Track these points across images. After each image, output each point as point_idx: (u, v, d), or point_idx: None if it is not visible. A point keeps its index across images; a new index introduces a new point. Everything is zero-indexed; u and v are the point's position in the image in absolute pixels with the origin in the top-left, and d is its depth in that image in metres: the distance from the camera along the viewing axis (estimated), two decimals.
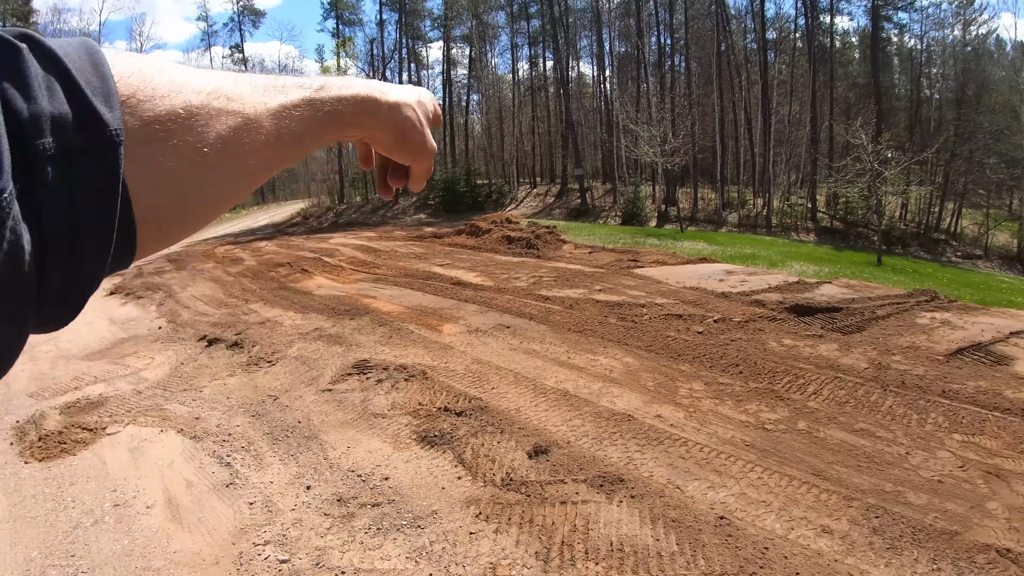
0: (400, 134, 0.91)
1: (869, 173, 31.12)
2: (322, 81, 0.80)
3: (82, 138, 0.49)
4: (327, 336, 8.99)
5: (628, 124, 45.12)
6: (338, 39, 63.14)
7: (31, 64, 0.48)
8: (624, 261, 15.57)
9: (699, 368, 7.35)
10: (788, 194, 52.79)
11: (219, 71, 0.70)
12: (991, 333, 9.17)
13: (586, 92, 64.70)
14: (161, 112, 0.58)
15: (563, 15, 59.02)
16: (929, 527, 4.31)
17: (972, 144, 48.09)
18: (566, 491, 4.75)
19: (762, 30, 55.89)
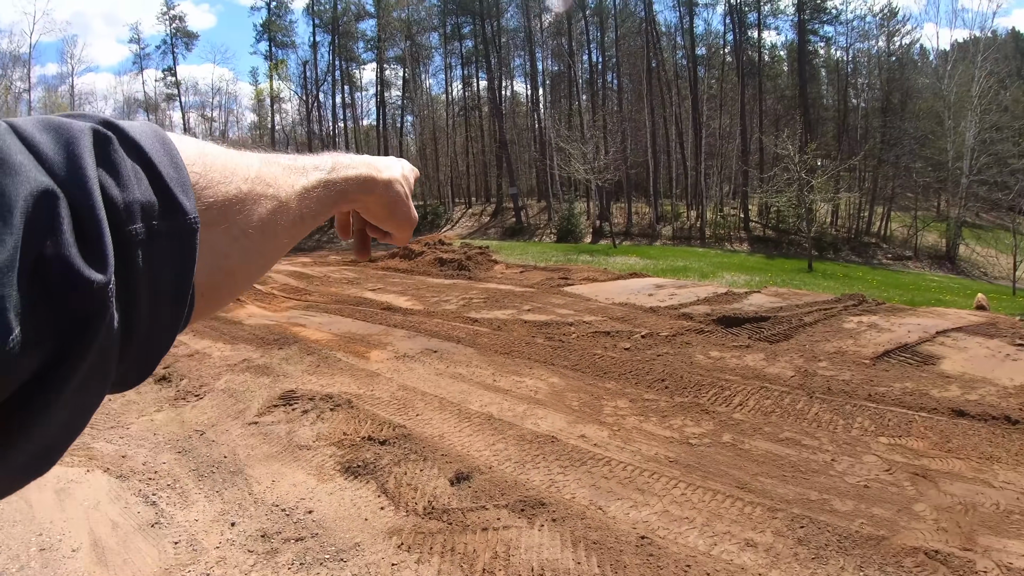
0: (391, 208, 1.01)
1: (797, 182, 31.63)
2: (332, 161, 0.87)
3: (165, 224, 0.52)
4: (255, 367, 8.83)
5: (559, 142, 45.34)
6: (271, 61, 62.64)
7: (120, 153, 0.51)
8: (555, 279, 15.60)
9: (625, 385, 7.35)
10: (721, 205, 53.63)
11: (255, 152, 0.75)
12: (918, 334, 9.33)
13: (520, 111, 64.95)
14: (219, 199, 0.63)
15: (495, 35, 59.33)
16: (855, 534, 4.34)
17: (898, 150, 49.38)
18: (488, 517, 4.69)
19: (692, 46, 56.86)
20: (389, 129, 65.43)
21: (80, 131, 0.49)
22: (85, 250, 0.44)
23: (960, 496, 4.84)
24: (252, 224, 0.67)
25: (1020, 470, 5.29)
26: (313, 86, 63.05)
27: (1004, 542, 4.24)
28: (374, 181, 0.95)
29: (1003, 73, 51.31)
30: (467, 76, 65.16)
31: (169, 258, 0.53)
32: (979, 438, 5.90)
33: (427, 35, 64.85)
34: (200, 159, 0.62)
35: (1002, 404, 6.68)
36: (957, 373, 7.84)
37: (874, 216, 52.80)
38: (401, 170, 1.05)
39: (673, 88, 56.85)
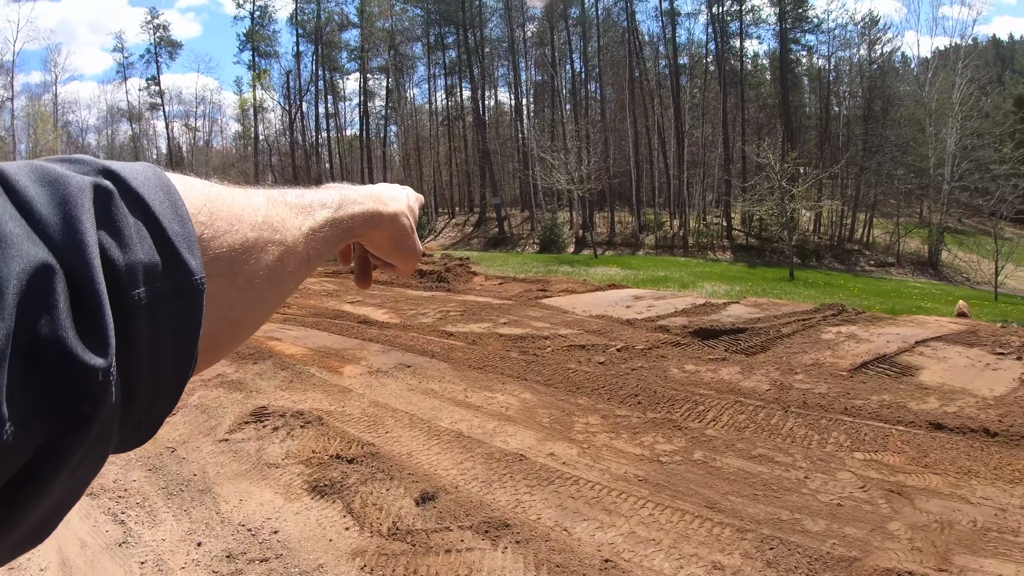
0: (396, 241, 1.00)
1: (778, 191, 31.76)
2: (339, 198, 0.85)
3: (169, 285, 0.50)
4: (229, 382, 8.69)
5: (540, 153, 45.46)
6: (254, 71, 62.56)
7: (122, 209, 0.48)
8: (533, 291, 15.53)
9: (597, 401, 7.26)
10: (704, 214, 53.92)
11: (261, 190, 0.73)
12: (897, 344, 9.28)
13: (503, 121, 65.15)
14: (224, 250, 0.60)
15: (479, 45, 59.61)
16: (827, 555, 4.23)
17: (880, 157, 49.89)
18: (451, 539, 4.59)
19: (674, 56, 57.34)
20: (373, 139, 65.51)
21: (79, 189, 0.46)
22: (84, 330, 0.41)
23: (936, 513, 4.75)
24: (259, 273, 0.65)
25: (998, 485, 5.21)
26: (296, 96, 63.14)
27: (981, 561, 4.15)
28: (380, 216, 0.94)
29: (984, 80, 52.07)
30: (450, 86, 65.45)
31: (173, 321, 0.50)
32: (957, 452, 5.82)
33: (410, 45, 65.21)
34: (206, 206, 0.59)
35: (981, 416, 6.61)
36: (936, 384, 7.78)
37: (856, 223, 53.34)
38: (406, 201, 1.05)
39: (656, 97, 57.27)
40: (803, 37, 58.64)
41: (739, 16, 57.23)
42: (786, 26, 56.76)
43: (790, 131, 53.32)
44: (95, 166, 0.50)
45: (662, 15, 58.58)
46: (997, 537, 4.42)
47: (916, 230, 51.83)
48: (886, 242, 51.98)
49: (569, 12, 59.24)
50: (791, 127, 54.46)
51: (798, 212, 36.72)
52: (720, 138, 55.44)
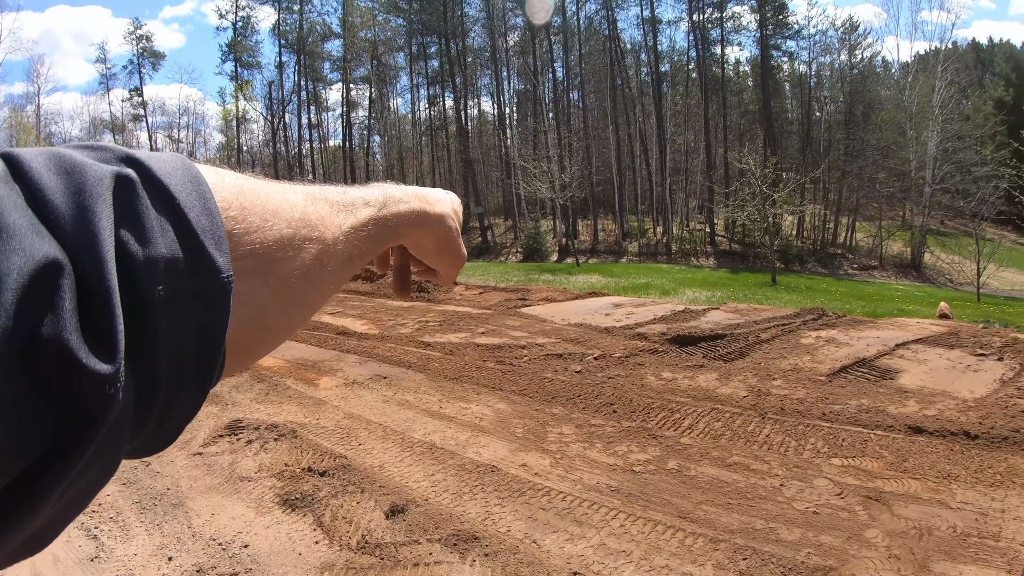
0: (442, 243, 0.95)
1: (759, 196, 31.88)
2: (383, 195, 0.81)
3: (193, 283, 0.47)
4: None
5: (521, 162, 45.58)
6: (237, 82, 62.46)
7: (144, 201, 0.45)
8: (513, 300, 15.52)
9: (572, 410, 7.20)
10: (687, 221, 54.18)
11: (299, 185, 0.69)
12: (877, 347, 9.27)
13: (486, 130, 65.30)
14: (257, 246, 0.57)
15: (461, 55, 59.76)
16: (801, 565, 4.16)
17: (862, 161, 50.37)
18: (420, 552, 4.52)
19: (656, 63, 57.71)
20: (356, 149, 65.48)
21: (97, 179, 0.43)
22: (90, 333, 0.38)
23: (915, 520, 4.69)
24: (294, 273, 0.61)
25: (979, 488, 5.16)
26: (279, 106, 63.02)
27: (960, 568, 4.09)
28: (427, 216, 0.90)
29: (964, 83, 52.63)
30: (433, 96, 65.55)
31: (196, 322, 0.47)
32: (937, 456, 5.78)
33: (393, 55, 65.27)
34: (237, 200, 0.56)
35: (961, 419, 6.57)
36: (916, 387, 7.75)
37: (839, 227, 53.80)
38: (451, 204, 1.00)
39: (638, 105, 57.62)
40: (784, 43, 59.25)
41: (720, 23, 57.65)
42: (767, 32, 57.21)
43: (772, 137, 53.66)
44: (118, 153, 0.47)
45: (643, 23, 58.95)
46: (977, 543, 4.37)
47: (898, 233, 52.20)
48: (869, 245, 52.34)
49: (551, 21, 59.43)
50: (773, 133, 54.80)
51: (780, 217, 36.92)
52: (702, 145, 55.78)
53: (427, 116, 66.07)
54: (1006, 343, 9.49)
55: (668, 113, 55.18)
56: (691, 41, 58.63)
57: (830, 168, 52.26)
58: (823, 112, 58.43)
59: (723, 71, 58.97)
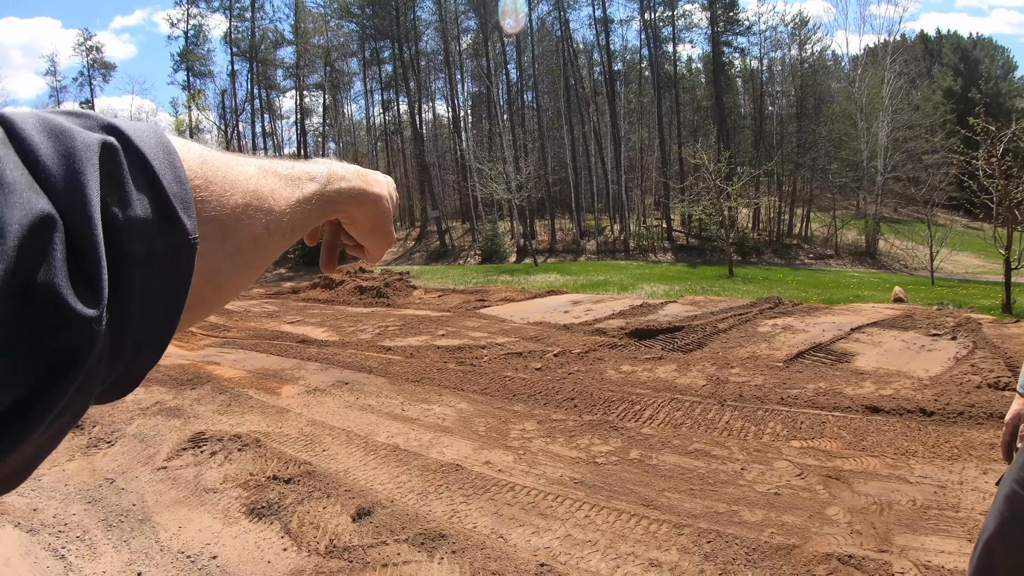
0: (376, 221, 1.00)
1: (713, 190, 32.13)
2: (327, 172, 0.85)
3: (164, 242, 0.51)
4: (167, 409, 8.54)
5: (476, 164, 45.52)
6: (189, 91, 61.54)
7: (125, 168, 0.49)
8: (472, 302, 15.59)
9: (533, 407, 7.26)
10: (644, 217, 54.45)
11: (253, 159, 0.73)
12: (832, 332, 9.40)
13: (442, 133, 65.09)
14: (217, 214, 0.61)
15: (414, 59, 59.45)
16: (765, 545, 4.24)
17: (814, 153, 50.89)
18: (388, 553, 4.54)
19: (608, 62, 57.87)
20: (311, 156, 64.81)
21: (85, 144, 0.47)
22: (79, 280, 0.43)
23: (875, 495, 4.80)
24: (246, 239, 0.66)
25: (936, 463, 5.28)
26: (233, 115, 62.17)
27: (921, 539, 4.19)
28: (365, 194, 0.94)
29: (913, 74, 53.46)
30: (387, 101, 65.15)
31: (165, 278, 0.52)
32: (894, 433, 5.91)
33: (346, 60, 64.71)
34: (202, 169, 0.61)
35: (917, 396, 6.72)
36: (871, 369, 7.89)
37: (794, 218, 54.38)
38: (387, 187, 1.04)
39: (591, 104, 57.74)
40: (735, 40, 59.66)
41: (671, 21, 57.92)
42: (718, 30, 57.63)
43: (725, 132, 54.03)
44: (100, 121, 0.51)
45: (595, 23, 59.08)
46: (937, 514, 4.48)
47: (853, 222, 52.89)
48: (824, 235, 52.97)
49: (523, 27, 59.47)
50: (726, 128, 55.20)
51: (735, 210, 37.20)
52: (656, 141, 56.05)
53: (382, 121, 65.71)
54: (959, 323, 9.68)
55: (622, 111, 55.38)
56: (643, 40, 58.85)
57: (783, 161, 52.88)
58: (775, 106, 58.97)
59: (675, 68, 59.32)
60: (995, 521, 2.45)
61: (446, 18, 58.90)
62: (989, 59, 66.01)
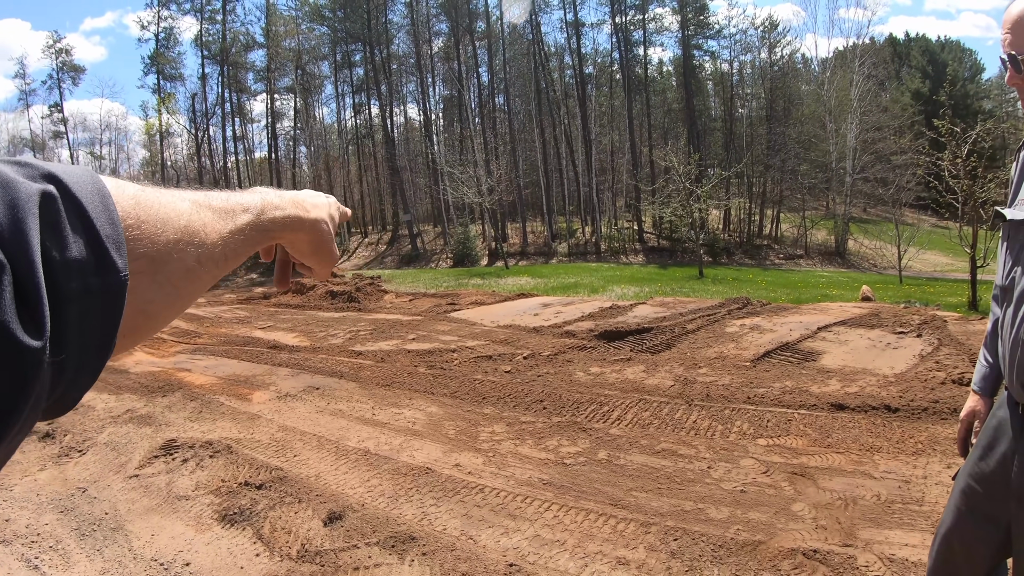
0: (314, 246, 1.06)
1: (683, 192, 32.30)
2: (262, 203, 0.90)
3: (98, 280, 0.55)
4: (138, 417, 8.50)
5: (447, 167, 45.44)
6: (160, 95, 60.73)
7: (62, 214, 0.54)
8: (442, 306, 15.60)
9: (503, 409, 7.31)
10: (615, 219, 54.60)
11: (189, 193, 0.78)
12: (799, 331, 9.49)
13: (413, 137, 64.88)
14: (148, 251, 0.66)
15: (385, 62, 59.21)
16: (731, 541, 4.30)
17: (784, 154, 51.22)
18: (359, 556, 4.57)
19: (580, 66, 58.03)
20: (282, 160, 64.44)
21: (27, 195, 0.51)
22: (24, 317, 0.47)
23: (840, 491, 4.87)
24: (177, 272, 0.70)
25: (901, 458, 5.38)
26: (203, 119, 61.43)
27: (886, 533, 4.28)
28: (301, 221, 0.99)
29: (882, 76, 54.07)
30: (359, 104, 64.81)
31: (100, 312, 0.56)
32: (859, 430, 6.00)
33: (317, 64, 64.33)
34: (135, 210, 0.65)
35: (882, 393, 6.82)
36: (837, 367, 7.99)
37: (765, 219, 54.78)
38: (328, 210, 1.10)
39: (563, 107, 57.83)
40: (705, 43, 60.05)
41: (642, 25, 58.13)
42: (688, 33, 57.93)
43: (695, 134, 54.38)
44: (40, 170, 0.55)
45: (567, 26, 59.18)
46: (901, 508, 4.57)
47: (822, 222, 53.39)
48: (794, 235, 53.39)
49: (475, 27, 59.40)
50: (696, 130, 55.54)
51: (706, 211, 37.44)
52: (627, 144, 56.23)
53: (353, 124, 65.33)
54: (925, 320, 9.81)
55: (593, 114, 55.52)
56: (614, 43, 59.01)
57: (753, 162, 53.25)
58: (745, 108, 59.32)
59: (646, 71, 59.55)
60: (952, 515, 2.53)
61: (417, 21, 58.74)
62: (957, 61, 66.79)
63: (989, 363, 2.61)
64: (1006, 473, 2.30)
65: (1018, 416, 2.29)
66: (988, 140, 19.20)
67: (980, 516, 2.43)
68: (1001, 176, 18.06)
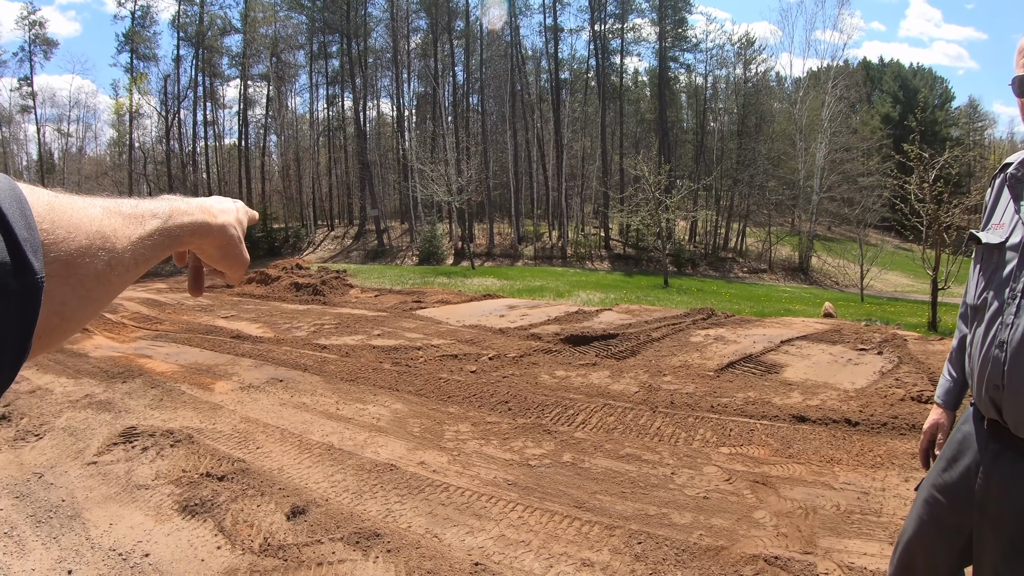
0: (224, 250, 1.07)
1: (652, 202, 32.47)
2: (169, 209, 0.92)
3: (16, 281, 0.58)
4: (97, 403, 8.38)
5: (418, 165, 45.34)
6: (132, 75, 59.75)
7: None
8: (408, 303, 15.58)
9: (468, 409, 7.31)
10: (582, 225, 54.84)
11: (100, 200, 0.80)
12: (763, 344, 9.57)
13: (385, 132, 64.61)
14: (62, 254, 0.68)
15: (362, 55, 58.91)
16: (694, 546, 4.34)
17: (753, 169, 51.74)
18: (323, 551, 4.54)
19: (556, 70, 58.20)
20: (252, 148, 63.88)
21: None
22: None
23: (800, 500, 4.94)
24: (89, 275, 0.72)
25: (860, 470, 5.45)
26: (174, 102, 60.63)
27: (845, 542, 4.34)
28: (208, 227, 1.01)
29: (853, 99, 54.83)
30: (332, 96, 64.40)
31: (16, 313, 0.58)
32: (820, 442, 6.08)
33: (293, 53, 63.81)
34: (49, 215, 0.67)
35: (843, 407, 6.91)
36: (799, 380, 8.08)
37: (731, 232, 55.29)
38: (235, 214, 1.11)
39: (536, 111, 58.00)
40: (682, 56, 60.55)
41: (620, 34, 58.45)
42: (665, 44, 58.33)
43: (667, 145, 54.74)
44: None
45: (546, 31, 59.34)
46: (860, 519, 4.63)
47: (787, 238, 54.01)
48: (759, 250, 53.98)
49: (454, 25, 59.33)
50: (668, 141, 55.92)
51: (673, 222, 37.70)
52: (598, 151, 56.59)
53: (325, 116, 64.89)
54: (886, 338, 9.94)
55: (566, 119, 55.76)
56: (591, 50, 59.32)
57: (722, 176, 53.77)
58: (717, 122, 59.95)
59: (621, 80, 59.92)
60: (914, 524, 2.59)
61: (397, 16, 58.52)
62: (928, 88, 67.68)
63: (953, 378, 2.69)
64: (969, 485, 2.36)
65: (983, 430, 2.36)
66: (955, 167, 19.51)
67: (942, 525, 2.49)
68: (966, 202, 18.39)
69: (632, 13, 58.44)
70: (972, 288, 2.46)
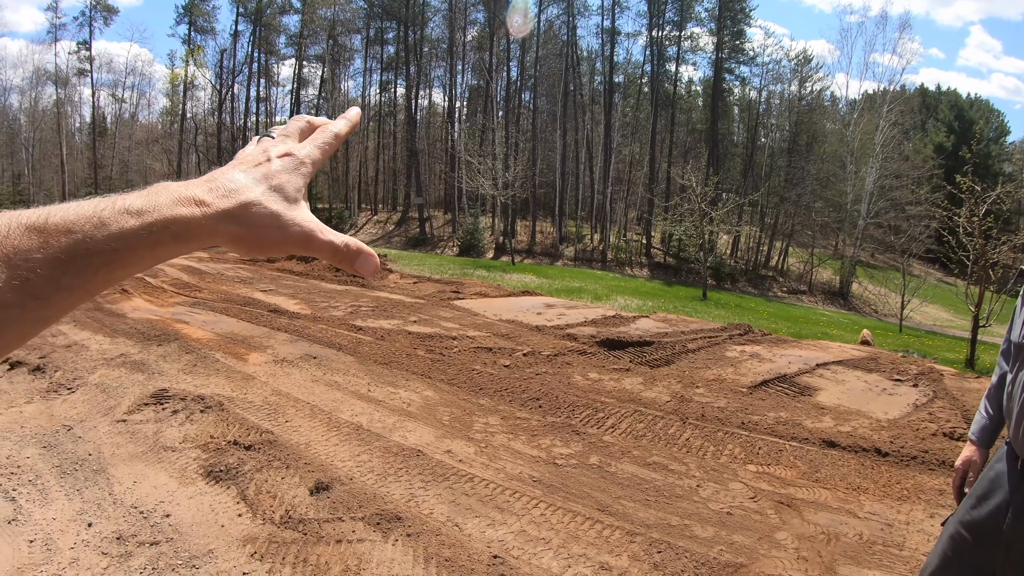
0: (244, 241, 0.72)
1: (697, 213, 32.28)
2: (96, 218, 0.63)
3: None
4: (131, 363, 8.48)
5: (466, 156, 45.39)
6: (189, 46, 60.45)
7: None
8: (446, 292, 15.56)
9: (499, 402, 7.31)
10: (625, 230, 54.65)
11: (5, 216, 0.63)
12: (798, 365, 9.46)
13: (435, 122, 64.82)
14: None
15: (418, 44, 59.11)
16: (713, 560, 4.30)
17: (801, 189, 51.20)
18: (343, 529, 4.56)
19: (610, 73, 58.05)
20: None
21: None
22: None
23: (824, 525, 4.88)
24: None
25: (886, 502, 5.37)
26: (229, 76, 61.31)
27: (864, 572, 4.28)
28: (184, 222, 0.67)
29: (907, 125, 54.02)
30: (385, 82, 64.71)
31: None
32: (848, 469, 5.99)
33: (350, 36, 64.13)
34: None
35: (874, 436, 6.80)
36: (832, 405, 7.98)
37: (773, 250, 54.80)
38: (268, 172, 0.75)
39: (588, 112, 57.80)
40: (737, 68, 60.10)
41: (677, 42, 58.17)
42: (722, 56, 57.92)
43: (716, 157, 54.36)
44: None
45: (603, 33, 59.22)
46: (882, 550, 4.56)
47: (829, 261, 53.43)
48: (800, 270, 53.49)
49: (530, 31, 59.39)
50: (717, 153, 55.55)
51: (716, 235, 37.52)
52: (647, 158, 56.38)
53: (377, 101, 65.24)
54: (922, 371, 9.80)
55: (617, 123, 55.56)
56: (647, 56, 59.11)
57: (769, 193, 53.34)
58: (768, 138, 59.47)
59: (675, 88, 59.64)
60: (938, 559, 2.55)
61: (455, 7, 58.67)
62: (984, 120, 66.60)
63: (990, 415, 2.64)
64: (997, 524, 2.33)
65: (1016, 470, 2.32)
66: (1007, 203, 19.17)
67: (966, 562, 2.46)
68: (1015, 240, 18.04)
69: (691, 21, 58.19)
70: (1017, 325, 2.41)
